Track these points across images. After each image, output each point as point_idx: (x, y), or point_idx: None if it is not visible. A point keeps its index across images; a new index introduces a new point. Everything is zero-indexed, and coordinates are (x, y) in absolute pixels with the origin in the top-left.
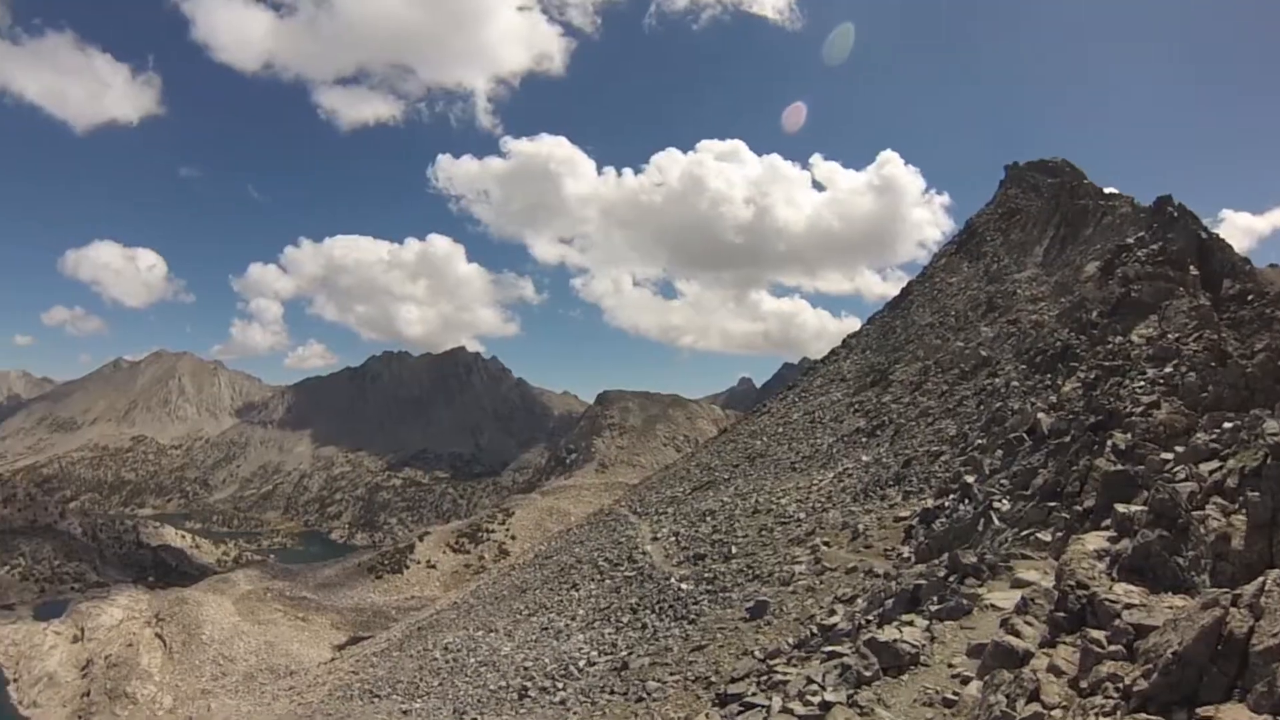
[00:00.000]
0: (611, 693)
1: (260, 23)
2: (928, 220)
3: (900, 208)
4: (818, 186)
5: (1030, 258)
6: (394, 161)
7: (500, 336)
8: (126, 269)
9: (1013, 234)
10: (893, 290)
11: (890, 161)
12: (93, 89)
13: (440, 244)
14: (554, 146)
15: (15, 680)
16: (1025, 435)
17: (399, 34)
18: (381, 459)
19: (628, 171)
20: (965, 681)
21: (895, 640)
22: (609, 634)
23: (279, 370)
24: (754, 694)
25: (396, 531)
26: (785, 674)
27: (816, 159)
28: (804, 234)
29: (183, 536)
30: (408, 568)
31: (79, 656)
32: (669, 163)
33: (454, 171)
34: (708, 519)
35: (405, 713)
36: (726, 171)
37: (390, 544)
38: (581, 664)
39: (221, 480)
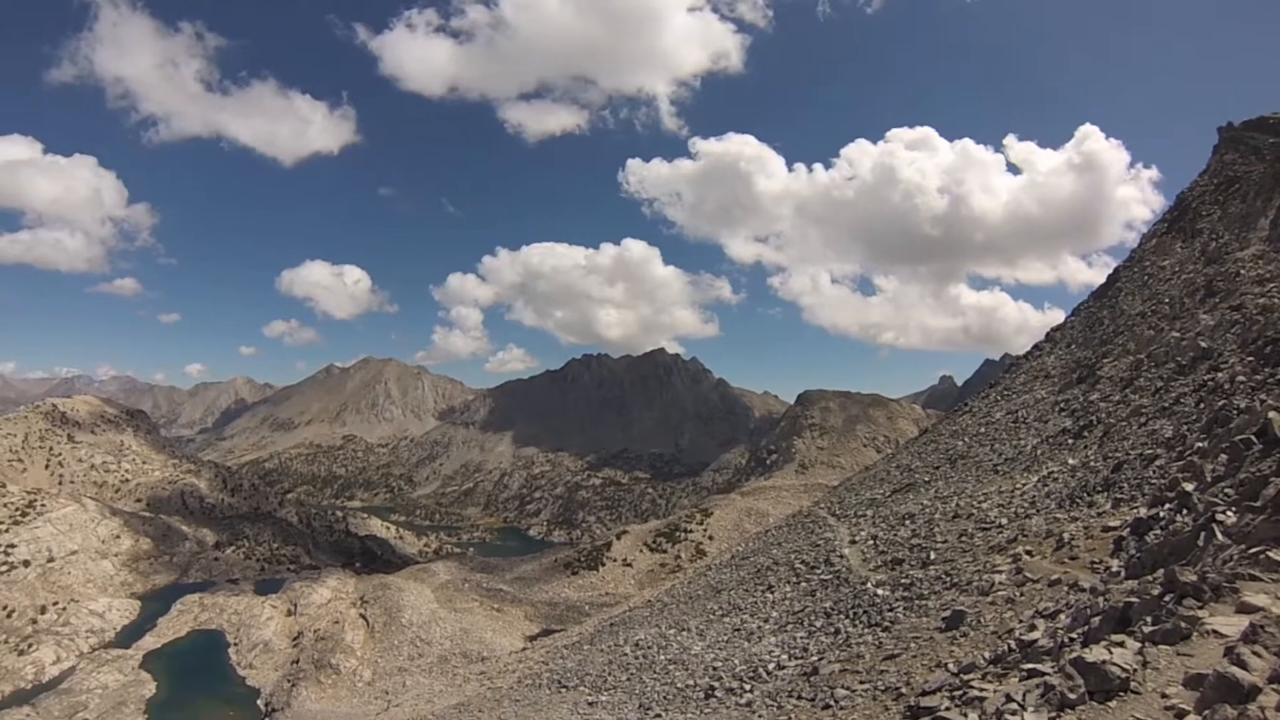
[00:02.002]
0: (799, 698)
1: (442, 51)
2: (1135, 198)
3: (1104, 187)
4: (1013, 170)
5: (1254, 232)
6: (583, 169)
7: (700, 337)
8: (335, 284)
9: (1231, 206)
10: (1099, 278)
11: (1090, 137)
12: (295, 126)
13: (635, 248)
14: (742, 145)
15: (235, 644)
16: (1254, 438)
17: (576, 46)
18: (581, 459)
19: (818, 167)
20: (1181, 715)
21: (1104, 662)
22: (801, 638)
23: (480, 374)
24: (947, 709)
25: (594, 529)
26: (981, 690)
27: (1010, 140)
28: (1002, 222)
29: (387, 528)
30: (604, 565)
31: (291, 628)
32: (859, 155)
33: (644, 175)
34: (907, 523)
35: (591, 704)
36: (918, 161)
37: (588, 542)
38: (771, 667)
39: (425, 477)
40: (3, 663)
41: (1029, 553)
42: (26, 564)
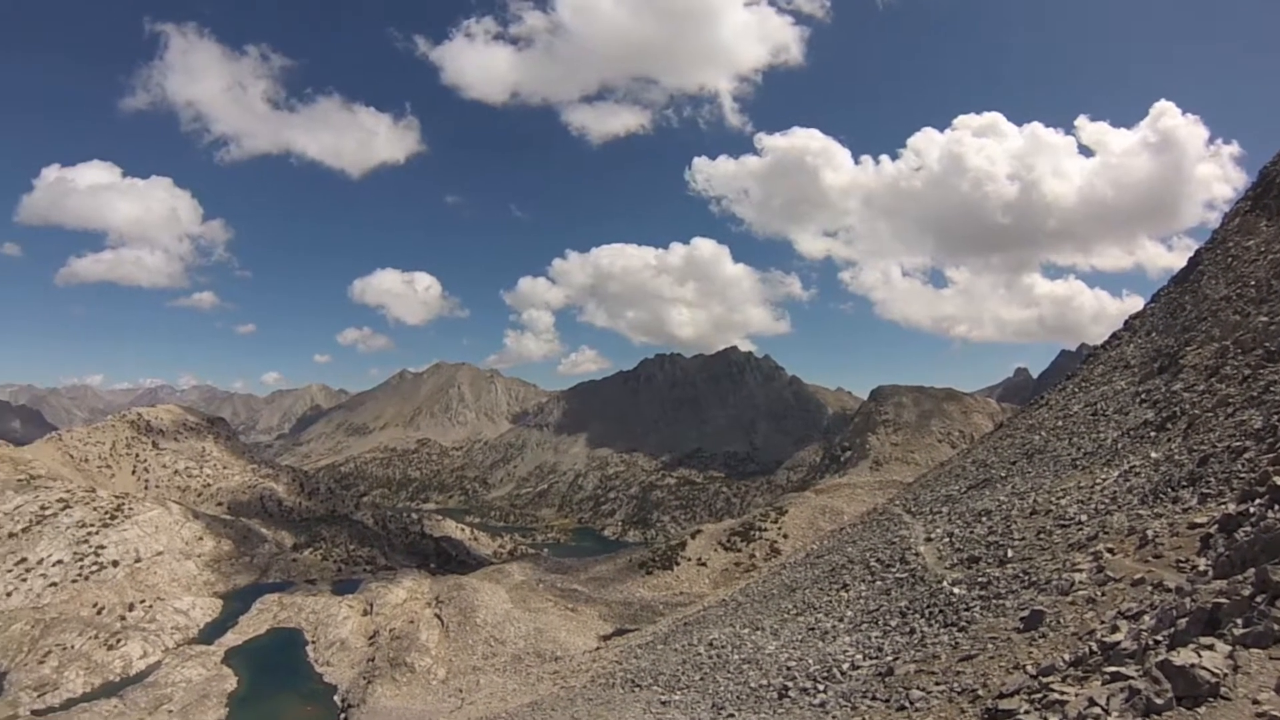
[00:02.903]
0: (873, 698)
1: (502, 58)
2: (1215, 176)
3: (1182, 165)
4: (1085, 152)
5: None
6: (649, 169)
7: (772, 335)
8: (406, 291)
9: None
10: (1179, 261)
11: (1166, 113)
12: (361, 139)
13: (705, 246)
14: (807, 139)
15: (313, 642)
16: None
17: (634, 47)
18: (656, 459)
19: (884, 158)
20: None
21: (1192, 665)
22: (876, 637)
23: (552, 376)
24: (1026, 712)
25: (669, 529)
26: (1062, 694)
27: (1082, 121)
28: (1075, 207)
29: (462, 529)
30: (678, 564)
31: (367, 627)
32: (926, 144)
33: (711, 173)
34: (983, 519)
35: (664, 704)
36: (986, 148)
37: (662, 541)
38: (845, 667)
39: (499, 479)
40: (93, 657)
41: (1110, 551)
42: (115, 564)
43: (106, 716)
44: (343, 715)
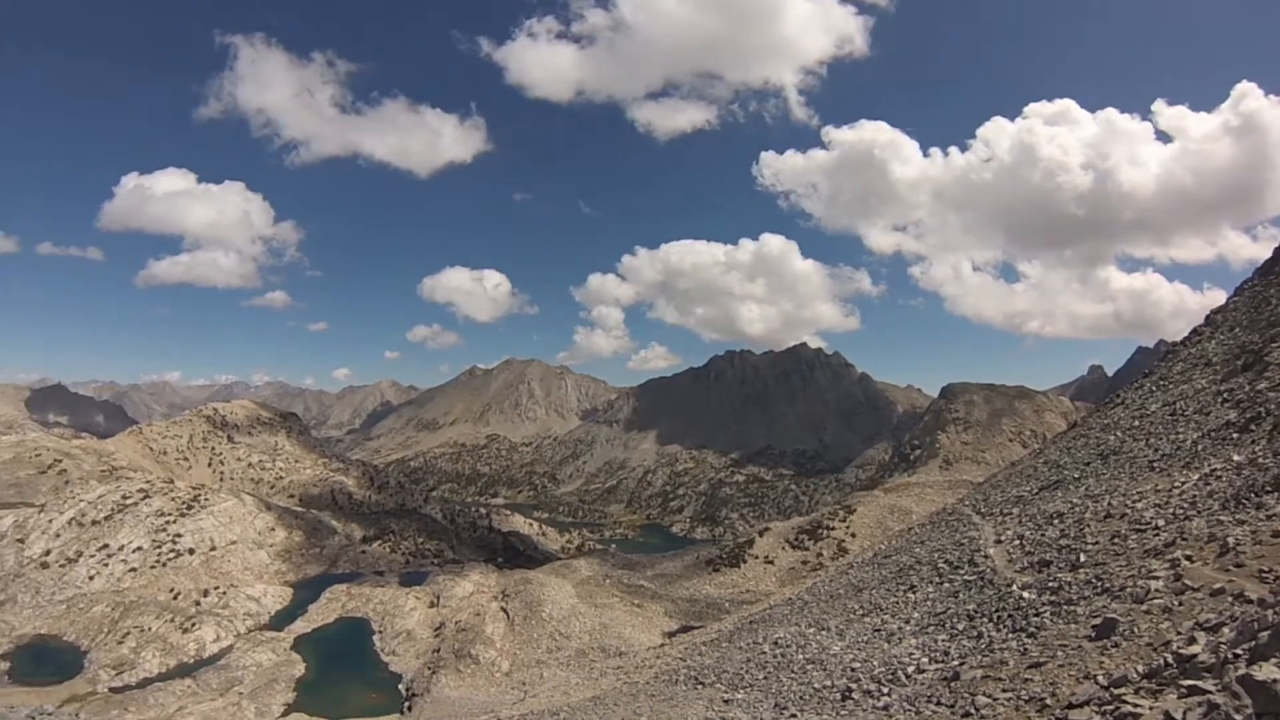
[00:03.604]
0: (938, 703)
1: (565, 57)
2: None
3: (1266, 149)
4: (1163, 138)
5: None
6: (717, 164)
7: (841, 331)
8: (475, 289)
9: None
10: (1264, 252)
11: (1249, 95)
12: (427, 140)
13: (774, 242)
14: (875, 132)
15: (380, 632)
16: None
17: (698, 42)
18: (725, 456)
19: (954, 150)
20: None
21: (1274, 681)
22: (942, 640)
23: (622, 372)
24: None
25: (737, 526)
26: (1136, 707)
27: (1159, 105)
28: (1153, 196)
29: (530, 524)
30: (745, 562)
31: (433, 619)
32: (996, 134)
33: (779, 168)
34: (1055, 522)
35: (727, 702)
36: (1059, 136)
37: (730, 539)
38: (910, 670)
39: (568, 475)
40: (169, 639)
41: (1189, 558)
42: (191, 551)
43: (180, 696)
44: (406, 704)
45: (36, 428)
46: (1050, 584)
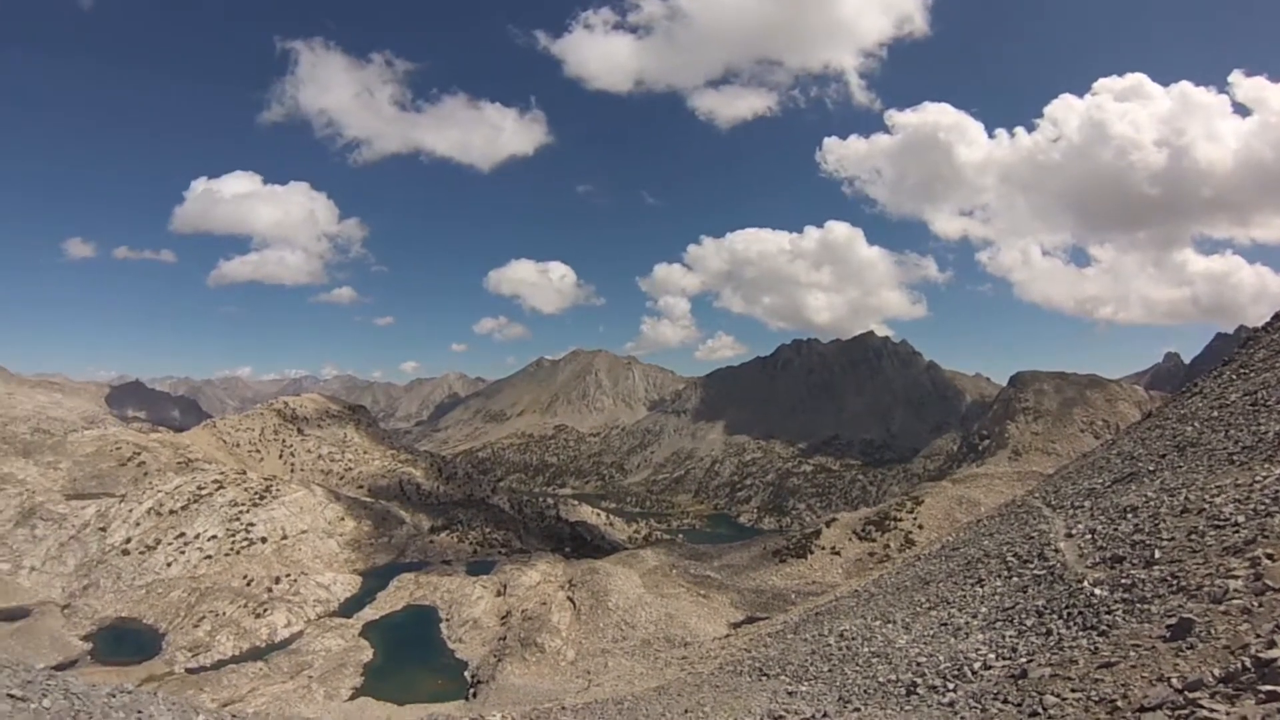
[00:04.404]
0: (1004, 701)
1: (623, 47)
2: None
3: None
4: (1242, 111)
5: None
6: (779, 151)
7: (908, 319)
8: (541, 281)
9: None
10: None
11: None
12: (488, 134)
13: (839, 229)
14: (939, 114)
15: (447, 620)
16: None
17: (756, 28)
18: (793, 445)
19: (1020, 130)
20: None
21: None
22: (1010, 636)
23: (690, 362)
24: None
25: (804, 517)
26: (1211, 712)
27: (1237, 77)
28: (1231, 173)
29: (598, 514)
30: (812, 553)
31: (500, 608)
32: (1063, 112)
33: (842, 153)
34: (1128, 516)
35: (791, 694)
36: (1130, 112)
37: (797, 529)
38: (976, 666)
39: (636, 465)
40: (242, 623)
41: (1270, 557)
42: (264, 540)
43: (252, 678)
44: (471, 690)
45: (116, 422)
46: (1123, 581)
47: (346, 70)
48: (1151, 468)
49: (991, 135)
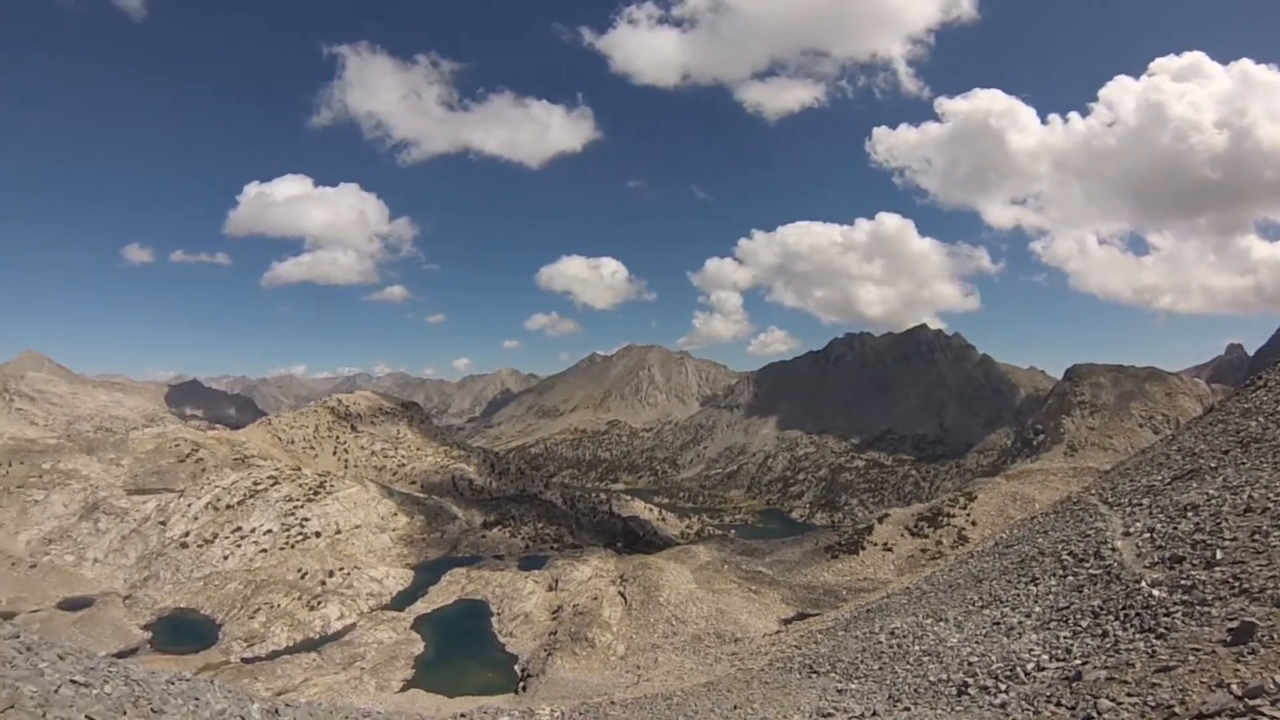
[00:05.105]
0: (1058, 704)
1: (668, 41)
2: None
3: None
4: None
5: None
6: (828, 143)
7: (961, 311)
8: (593, 277)
9: None
10: None
11: None
12: (536, 132)
13: (890, 221)
14: (989, 101)
15: (498, 614)
16: None
17: (801, 18)
18: (845, 440)
19: (1074, 115)
20: None
21: None
22: (1064, 637)
23: (742, 357)
24: None
25: (856, 512)
26: (1272, 719)
27: None
28: None
29: (650, 510)
30: (863, 549)
31: (551, 602)
32: (1118, 94)
33: (892, 143)
34: (1189, 515)
35: (840, 692)
36: (1189, 93)
37: (849, 525)
38: (1030, 667)
39: (689, 460)
40: (296, 615)
41: None
42: (318, 534)
43: (306, 668)
44: (521, 684)
45: (175, 420)
46: (1183, 582)
47: (393, 72)
48: (1213, 464)
49: (1044, 121)
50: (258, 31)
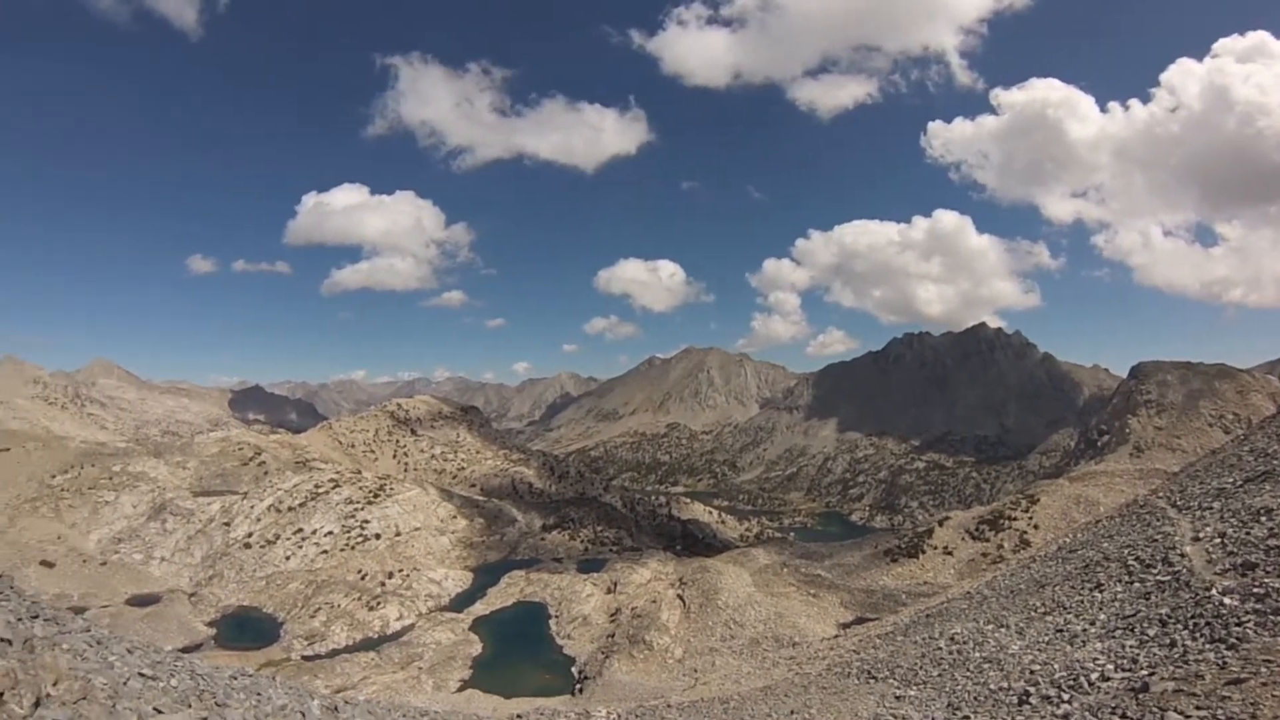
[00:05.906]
0: (1123, 716)
1: (718, 42)
2: None
3: None
4: None
5: None
6: (883, 139)
7: (1021, 309)
8: (651, 279)
9: None
10: None
11: None
12: (589, 135)
13: (947, 219)
14: (1046, 90)
15: (556, 616)
16: None
17: (850, 14)
18: (905, 442)
19: (1134, 102)
20: None
21: None
22: (1130, 647)
23: (801, 358)
24: None
25: (916, 515)
26: None
27: None
28: None
29: (709, 512)
30: (923, 553)
31: (609, 605)
32: (1181, 78)
33: (948, 137)
34: (1262, 519)
35: (899, 698)
36: (1255, 74)
37: (909, 528)
38: (1094, 677)
39: (748, 462)
40: (356, 615)
41: None
42: (378, 536)
43: (364, 667)
44: (578, 686)
45: (238, 425)
46: (1255, 590)
47: (445, 81)
48: None
49: (1104, 109)
50: (310, 48)
